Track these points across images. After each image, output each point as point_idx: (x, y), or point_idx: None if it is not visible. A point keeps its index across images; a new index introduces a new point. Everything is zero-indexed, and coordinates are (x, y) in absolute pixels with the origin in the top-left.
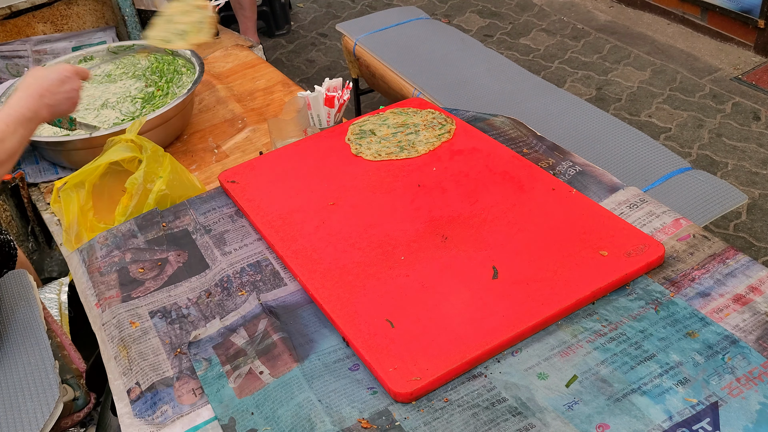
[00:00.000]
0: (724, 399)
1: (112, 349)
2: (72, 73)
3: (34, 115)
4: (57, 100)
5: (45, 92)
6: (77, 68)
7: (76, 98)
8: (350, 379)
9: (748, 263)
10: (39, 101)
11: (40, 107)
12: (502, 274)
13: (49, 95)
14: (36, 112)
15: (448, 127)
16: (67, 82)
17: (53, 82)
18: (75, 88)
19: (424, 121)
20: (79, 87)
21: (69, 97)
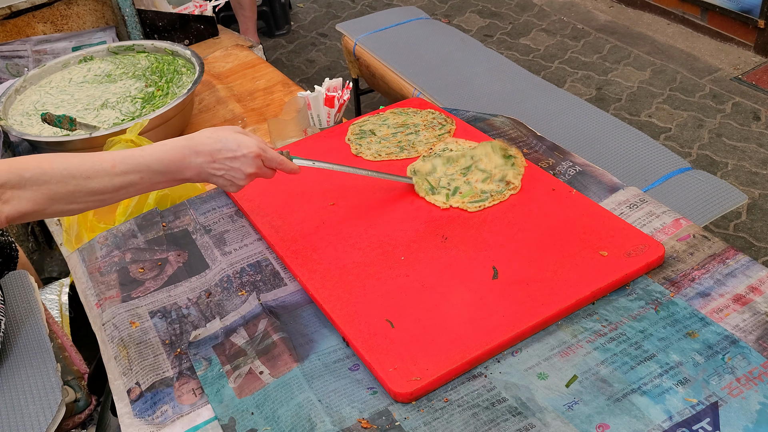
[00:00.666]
0: (724, 399)
1: (112, 349)
2: (254, 155)
3: (167, 170)
4: (214, 170)
5: (206, 153)
6: (266, 154)
7: (240, 182)
8: (350, 379)
9: (748, 263)
10: (190, 159)
11: (187, 166)
12: (502, 274)
13: (209, 159)
14: (176, 168)
15: (448, 127)
16: (241, 161)
17: (225, 149)
18: (244, 172)
19: (424, 122)
20: (251, 174)
21: (232, 176)
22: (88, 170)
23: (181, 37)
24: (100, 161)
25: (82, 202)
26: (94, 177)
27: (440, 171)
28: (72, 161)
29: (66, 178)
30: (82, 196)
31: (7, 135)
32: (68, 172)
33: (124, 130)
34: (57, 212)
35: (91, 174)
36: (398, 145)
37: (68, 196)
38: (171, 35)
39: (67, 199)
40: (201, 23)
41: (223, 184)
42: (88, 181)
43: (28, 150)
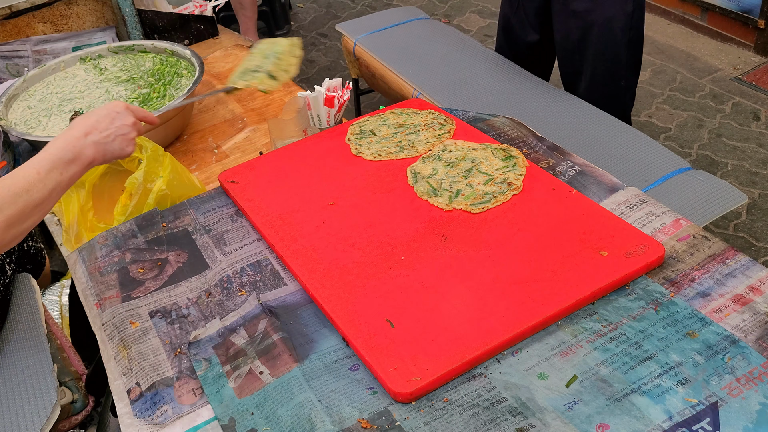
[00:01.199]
0: (724, 399)
1: (112, 349)
2: (122, 108)
3: (74, 156)
4: (106, 137)
5: (91, 129)
6: (132, 106)
7: (130, 135)
8: (350, 379)
9: (748, 263)
10: (83, 140)
11: (85, 146)
12: (502, 274)
13: (96, 132)
14: (78, 152)
15: (447, 127)
16: (118, 118)
17: (101, 117)
18: (127, 124)
19: (423, 122)
20: (133, 123)
21: (121, 134)
22: (25, 184)
23: (181, 37)
24: (26, 173)
25: (30, 217)
26: (32, 188)
27: (441, 173)
28: (7, 182)
29: (14, 198)
30: (29, 211)
31: (7, 135)
32: (12, 192)
33: None
34: (12, 238)
35: (29, 186)
36: (398, 145)
37: (20, 215)
38: (171, 35)
39: (20, 220)
40: (201, 23)
41: (120, 147)
42: (30, 194)
43: (28, 150)
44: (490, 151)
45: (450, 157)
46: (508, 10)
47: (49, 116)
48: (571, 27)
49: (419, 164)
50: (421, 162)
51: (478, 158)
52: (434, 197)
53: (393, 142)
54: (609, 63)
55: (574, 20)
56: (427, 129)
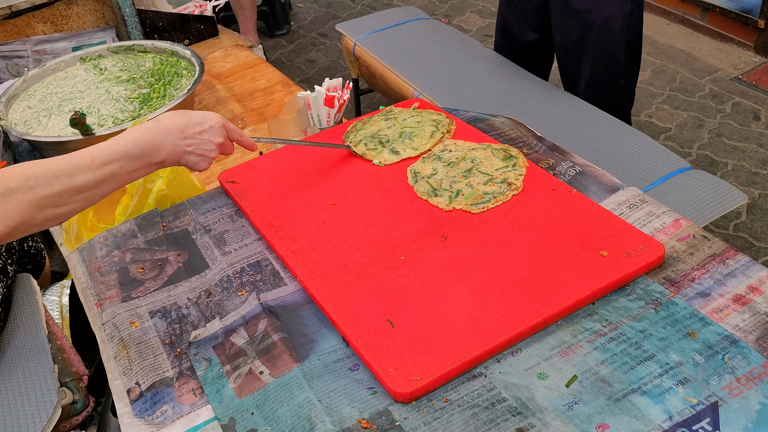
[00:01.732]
0: (724, 399)
1: (112, 349)
2: (219, 124)
3: (143, 152)
4: (187, 145)
5: (177, 131)
6: (230, 125)
7: (211, 154)
8: (350, 379)
9: (748, 263)
10: (161, 138)
11: (160, 145)
12: (502, 274)
13: (180, 136)
14: (150, 149)
15: (447, 126)
16: (209, 132)
17: (192, 123)
18: (214, 141)
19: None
20: (221, 144)
21: (204, 149)
22: (70, 168)
23: (181, 37)
24: (80, 157)
25: (69, 203)
26: (76, 174)
27: (441, 173)
28: (52, 163)
29: (50, 179)
30: (68, 196)
31: (7, 135)
32: (51, 173)
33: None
34: (45, 220)
35: (73, 171)
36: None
37: (55, 198)
38: (171, 35)
39: (55, 202)
40: (201, 23)
41: (195, 160)
42: (71, 179)
43: (28, 150)
44: (490, 151)
45: (450, 157)
46: (506, 10)
47: (49, 116)
48: (570, 26)
49: (419, 164)
50: (421, 162)
51: (478, 158)
52: (434, 197)
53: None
54: (608, 62)
55: (573, 20)
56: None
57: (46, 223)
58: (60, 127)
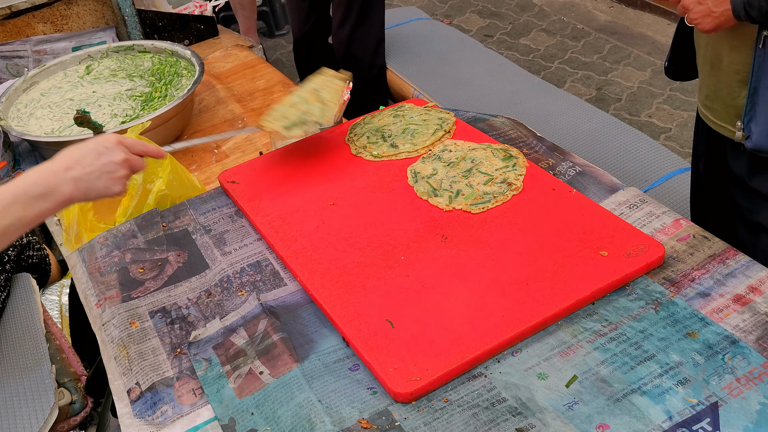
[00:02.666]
0: (724, 399)
1: (112, 349)
2: (113, 143)
3: (46, 192)
4: (89, 174)
5: (73, 164)
6: (127, 139)
7: (117, 173)
8: (350, 379)
9: (747, 263)
10: (61, 175)
11: (61, 182)
12: (502, 274)
13: (78, 168)
14: (52, 187)
15: (448, 126)
16: (106, 154)
17: (86, 152)
18: (115, 161)
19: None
20: (123, 160)
21: (108, 171)
22: None
23: (181, 37)
24: None
25: None
26: None
27: (441, 173)
28: None
29: None
30: None
31: (7, 135)
32: None
33: (125, 131)
34: None
35: None
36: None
37: None
38: (171, 35)
39: None
40: (201, 23)
41: (105, 186)
42: None
43: (27, 150)
44: (491, 151)
45: (450, 157)
46: None
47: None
48: None
49: (419, 164)
50: (421, 162)
51: (478, 158)
52: (434, 197)
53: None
54: None
55: None
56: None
57: None
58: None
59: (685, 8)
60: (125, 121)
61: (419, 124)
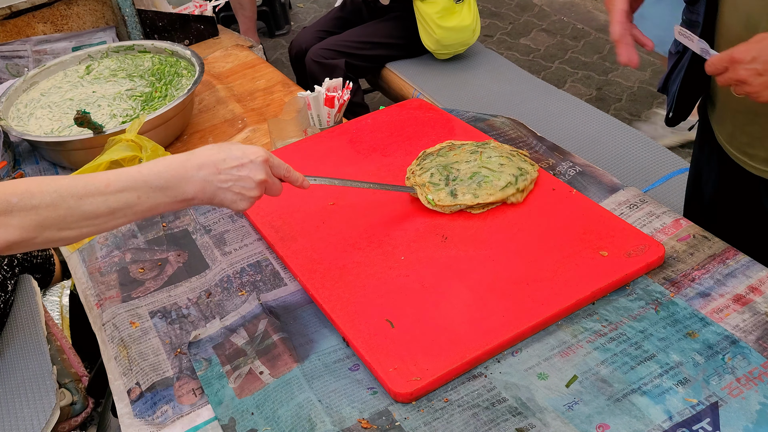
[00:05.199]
0: (724, 399)
1: (112, 350)
2: (261, 159)
3: (167, 185)
4: (221, 181)
5: (210, 165)
6: (275, 161)
7: (250, 192)
8: (350, 379)
9: (748, 263)
10: (191, 172)
11: (189, 179)
12: (502, 274)
13: (214, 172)
14: (176, 182)
15: (528, 183)
16: (247, 168)
17: (229, 157)
18: (254, 179)
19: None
20: (262, 181)
21: (242, 186)
22: (80, 190)
23: (181, 37)
24: (94, 180)
25: (75, 227)
26: (86, 197)
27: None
28: (63, 182)
29: (56, 200)
30: (74, 220)
31: (7, 135)
32: (58, 193)
33: (125, 130)
34: (48, 240)
35: (83, 194)
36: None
37: (59, 221)
38: (171, 35)
39: (58, 225)
40: (201, 23)
41: (232, 199)
42: (80, 202)
43: (28, 150)
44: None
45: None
46: None
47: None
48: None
49: (418, 169)
50: (420, 161)
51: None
52: (434, 198)
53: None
54: None
55: None
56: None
57: (49, 242)
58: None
59: (742, 81)
60: (125, 121)
61: (493, 170)
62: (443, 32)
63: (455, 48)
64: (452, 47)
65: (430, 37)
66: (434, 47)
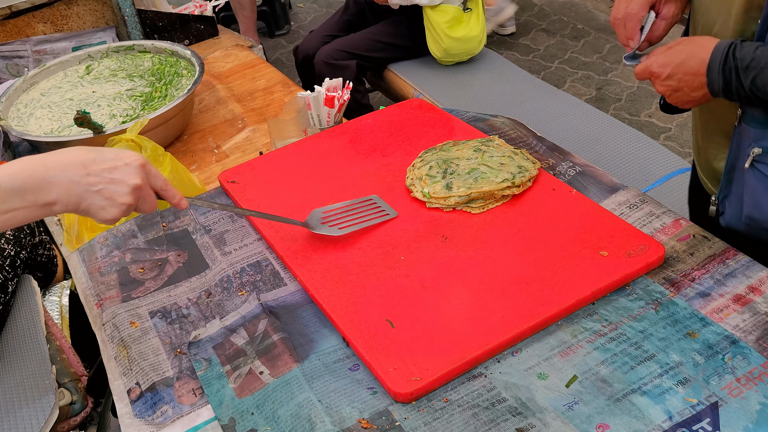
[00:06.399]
0: (724, 399)
1: (112, 349)
2: (137, 163)
3: (24, 188)
4: (89, 183)
5: (78, 165)
6: (153, 170)
7: (121, 198)
8: (350, 379)
9: (748, 263)
10: (55, 172)
11: (50, 181)
12: (502, 274)
13: (82, 171)
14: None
15: (527, 178)
16: (121, 171)
17: (101, 159)
18: (128, 183)
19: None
20: (136, 187)
21: (112, 190)
22: None
23: (181, 37)
24: None
25: None
26: None
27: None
28: None
29: None
30: None
31: (7, 135)
32: None
33: (124, 130)
34: None
35: None
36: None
37: None
38: (171, 35)
39: None
40: (201, 23)
41: (101, 205)
42: None
43: (28, 150)
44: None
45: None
46: None
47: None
48: None
49: (419, 162)
50: (422, 155)
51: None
52: (429, 191)
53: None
54: None
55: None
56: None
57: None
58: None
59: (661, 94)
60: (125, 121)
61: (492, 168)
62: (451, 42)
63: (460, 57)
64: (458, 56)
65: (438, 45)
66: (440, 55)
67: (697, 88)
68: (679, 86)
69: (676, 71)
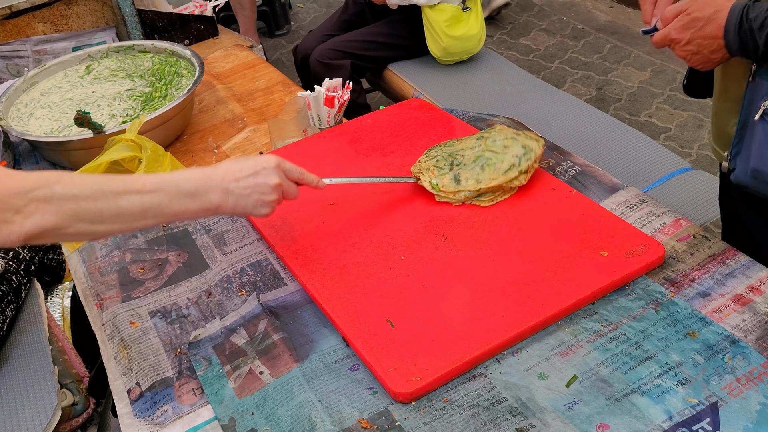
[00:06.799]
0: (724, 399)
1: (112, 349)
2: (272, 165)
3: (196, 191)
4: (241, 189)
5: (229, 176)
6: (287, 165)
7: (268, 197)
8: (350, 379)
9: (748, 263)
10: (215, 182)
11: (212, 189)
12: (502, 274)
13: (233, 181)
14: (203, 191)
15: (531, 162)
16: (261, 175)
17: (245, 167)
18: (269, 184)
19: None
20: (277, 185)
21: (259, 192)
22: (119, 187)
23: (181, 37)
24: (131, 179)
25: (107, 222)
26: (124, 194)
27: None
28: (102, 178)
29: (96, 193)
30: (108, 216)
31: (7, 135)
32: (99, 186)
33: (124, 130)
34: (78, 232)
35: (121, 190)
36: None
37: (94, 214)
38: (171, 35)
39: (93, 218)
40: (201, 23)
41: (253, 205)
42: (117, 198)
43: (28, 150)
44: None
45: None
46: None
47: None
48: None
49: (425, 158)
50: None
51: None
52: (438, 183)
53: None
54: None
55: None
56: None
57: (78, 236)
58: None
59: (683, 59)
60: (125, 121)
61: (496, 152)
62: (450, 40)
63: (460, 56)
64: (457, 55)
65: (437, 44)
66: (440, 54)
67: (716, 51)
68: (699, 50)
69: (695, 36)
